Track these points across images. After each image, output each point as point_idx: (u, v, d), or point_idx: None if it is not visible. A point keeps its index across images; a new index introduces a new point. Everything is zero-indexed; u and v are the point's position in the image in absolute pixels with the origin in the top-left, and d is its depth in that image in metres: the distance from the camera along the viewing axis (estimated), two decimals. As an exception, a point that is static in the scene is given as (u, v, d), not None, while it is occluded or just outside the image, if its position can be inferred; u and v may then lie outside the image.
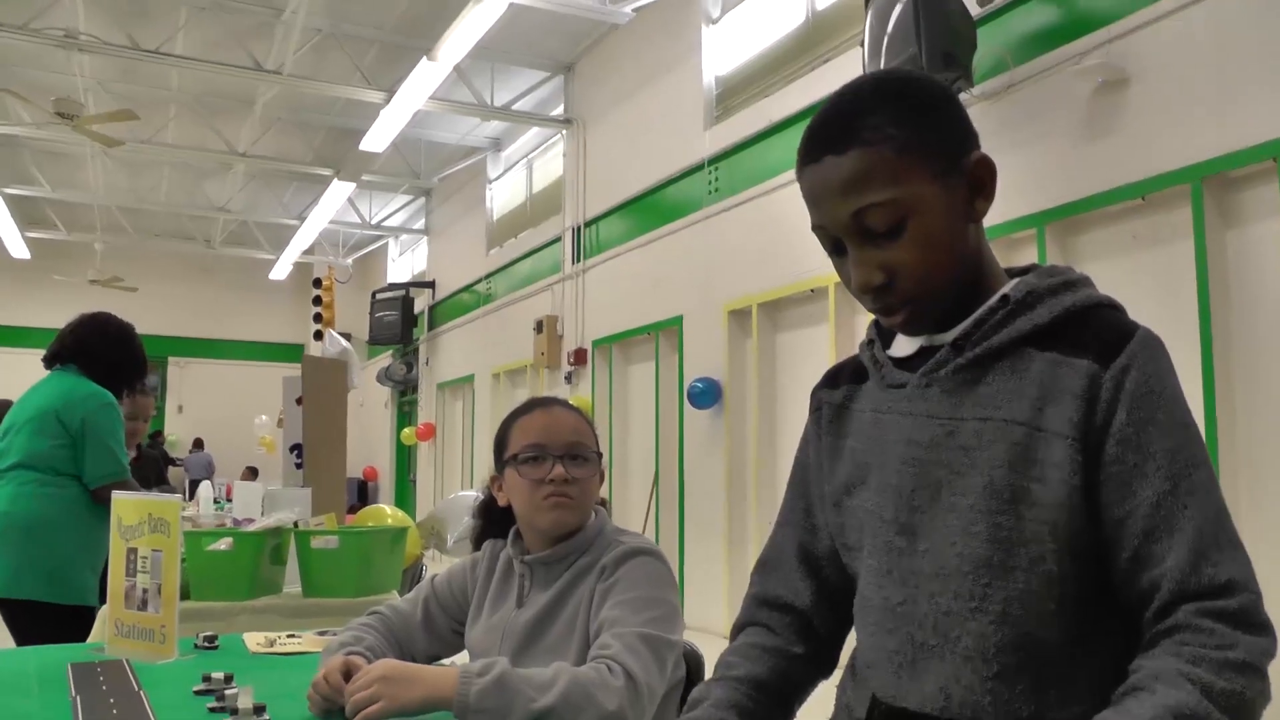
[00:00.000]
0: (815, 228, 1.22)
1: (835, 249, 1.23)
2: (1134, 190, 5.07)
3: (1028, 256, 5.54)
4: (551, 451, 1.95)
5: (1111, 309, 1.20)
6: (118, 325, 3.88)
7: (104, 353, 3.76)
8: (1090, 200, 5.29)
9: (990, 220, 4.72)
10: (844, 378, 1.40)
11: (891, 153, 1.16)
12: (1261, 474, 4.53)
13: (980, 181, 1.22)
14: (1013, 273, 1.27)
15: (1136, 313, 1.20)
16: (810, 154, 1.20)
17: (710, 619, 8.19)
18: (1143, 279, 5.08)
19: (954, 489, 1.18)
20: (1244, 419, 4.61)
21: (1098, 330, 1.16)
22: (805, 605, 1.40)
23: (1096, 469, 1.13)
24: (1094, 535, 1.14)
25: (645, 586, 1.86)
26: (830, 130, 1.19)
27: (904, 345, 1.30)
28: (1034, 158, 5.61)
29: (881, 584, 1.24)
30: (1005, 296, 1.20)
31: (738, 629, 1.45)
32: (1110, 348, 1.13)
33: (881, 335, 1.34)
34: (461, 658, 1.93)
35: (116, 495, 2.36)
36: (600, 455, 2.02)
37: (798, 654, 1.39)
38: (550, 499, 1.94)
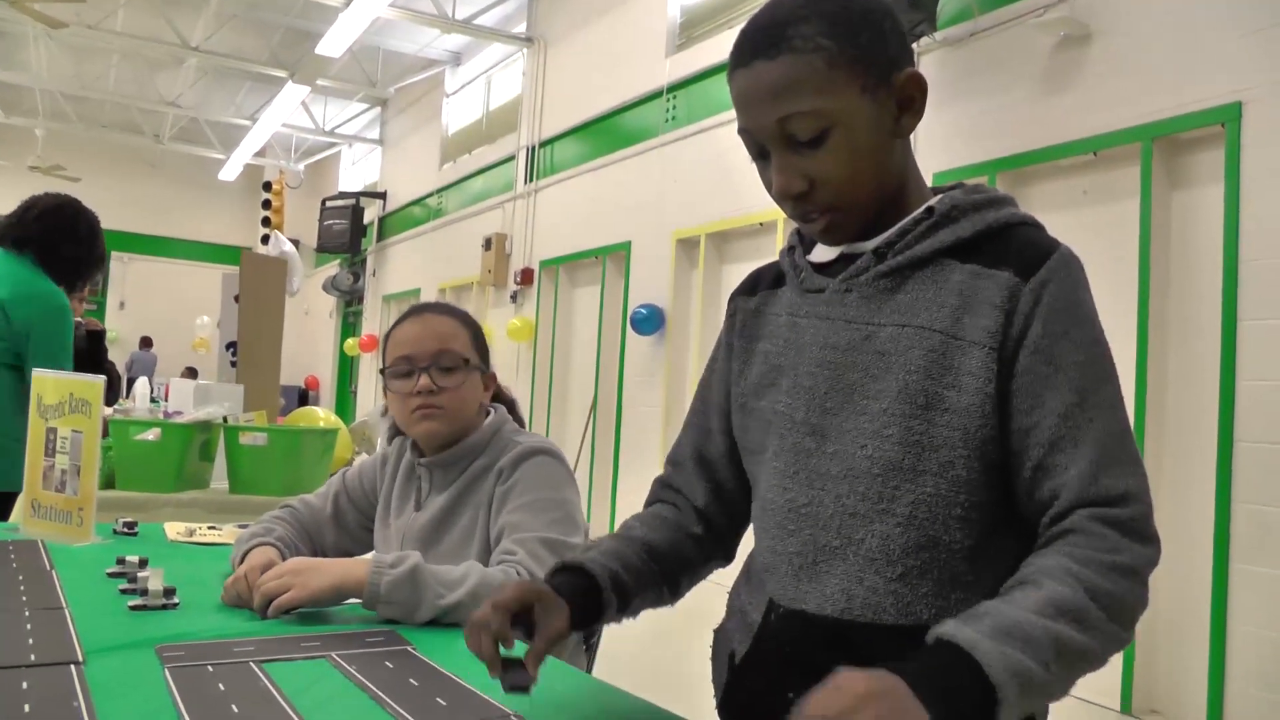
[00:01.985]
0: (741, 131, 1.23)
1: (759, 153, 1.23)
2: (1086, 145, 5.10)
3: (977, 205, 5.56)
4: (418, 363, 1.94)
5: (1033, 227, 1.22)
6: (88, 221, 3.53)
7: (70, 251, 3.41)
8: (1043, 152, 5.32)
9: (943, 165, 4.75)
10: (762, 284, 1.41)
11: (821, 63, 1.15)
12: (1184, 427, 4.63)
13: (910, 98, 1.20)
14: (938, 191, 1.28)
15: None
16: (741, 58, 1.20)
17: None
18: (1090, 233, 5.13)
19: (867, 392, 1.20)
20: (1175, 377, 4.70)
21: (1020, 246, 1.18)
22: (700, 504, 1.43)
23: (1009, 378, 1.15)
24: (1002, 444, 1.16)
25: (544, 488, 1.87)
26: (763, 35, 1.19)
27: (824, 252, 1.31)
28: (991, 106, 5.62)
29: (786, 485, 1.25)
30: (930, 209, 1.22)
31: (645, 505, 1.49)
32: (1031, 262, 1.16)
33: (803, 242, 1.35)
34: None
35: (37, 373, 2.32)
36: (479, 360, 2.00)
37: (696, 533, 1.42)
38: (419, 411, 1.94)
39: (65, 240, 3.40)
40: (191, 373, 15.11)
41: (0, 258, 3.33)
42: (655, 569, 1.35)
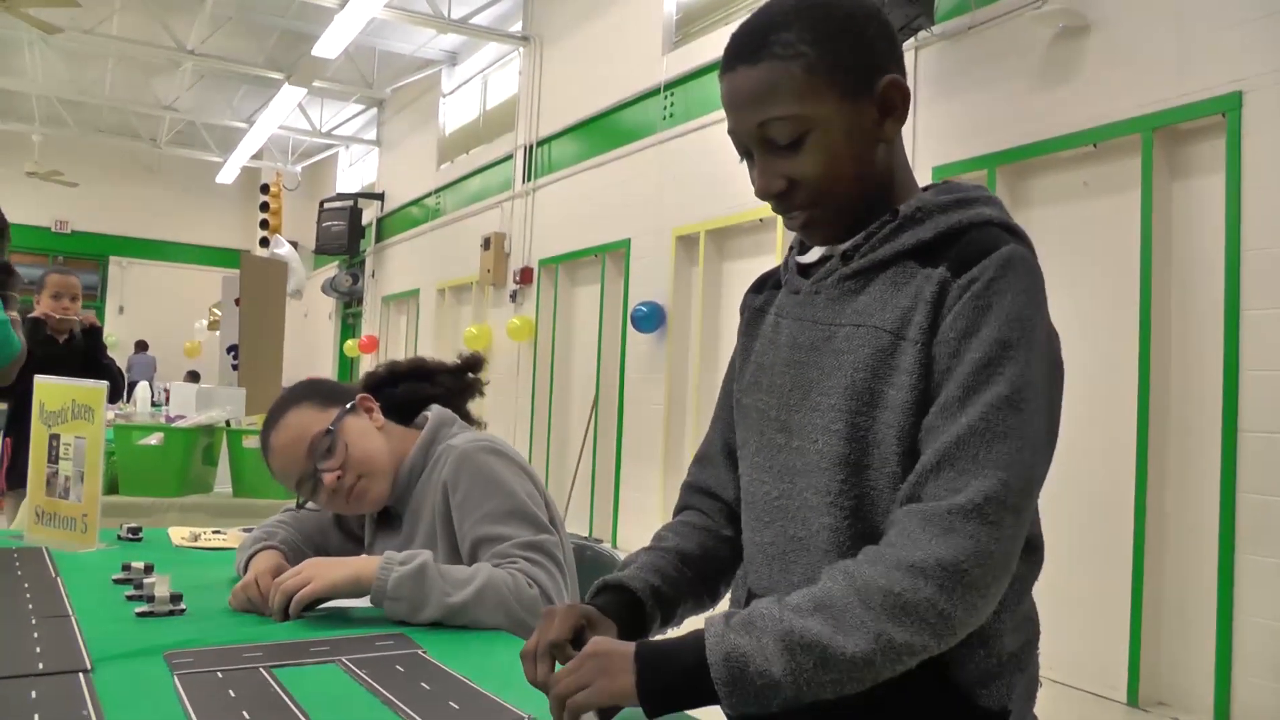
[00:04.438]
0: (729, 132, 1.27)
1: (745, 153, 1.27)
2: (1086, 137, 5.08)
3: (977, 198, 5.56)
4: (302, 484, 1.89)
5: (998, 226, 1.20)
6: None
7: None
8: (1043, 145, 5.30)
9: (941, 160, 4.74)
10: (768, 284, 1.46)
11: (800, 70, 1.19)
12: (1188, 417, 4.62)
13: (890, 104, 1.23)
14: (928, 190, 1.29)
15: (1083, 259, 1.21)
16: (728, 62, 1.25)
17: (644, 542, 8.26)
18: (1091, 226, 5.12)
19: (821, 389, 1.23)
20: (1178, 367, 4.69)
21: (965, 244, 1.18)
22: (731, 497, 1.44)
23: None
24: None
25: (494, 492, 1.82)
26: (746, 41, 1.23)
27: (813, 254, 1.34)
28: (990, 100, 5.61)
29: (762, 479, 1.30)
30: (896, 211, 1.24)
31: (675, 514, 1.51)
32: (967, 260, 1.16)
33: (802, 244, 1.37)
34: None
35: (40, 380, 2.31)
36: (335, 412, 1.89)
37: (727, 535, 1.43)
38: (346, 508, 1.93)
39: None
40: (193, 376, 15.10)
41: None
42: (691, 576, 1.38)
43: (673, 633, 1.19)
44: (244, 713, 1.13)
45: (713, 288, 8.02)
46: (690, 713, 1.20)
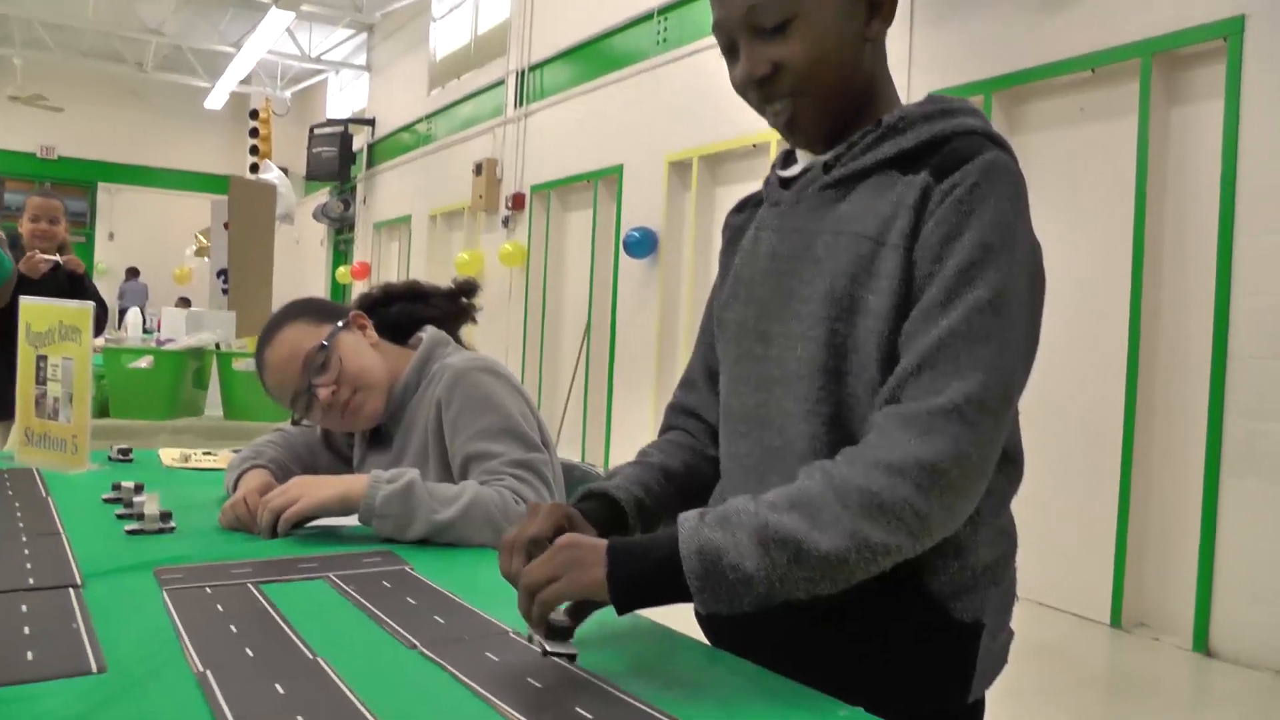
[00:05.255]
0: (714, 27, 1.26)
1: (730, 49, 1.26)
2: (1084, 63, 5.03)
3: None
4: (297, 398, 1.88)
5: (982, 136, 1.19)
6: None
7: None
8: (1040, 70, 5.24)
9: (936, 84, 4.71)
10: (750, 203, 1.45)
11: None
12: (1178, 341, 4.63)
13: (877, 3, 1.23)
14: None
15: (1079, 185, 1.19)
16: None
17: (635, 469, 8.31)
18: (1088, 151, 5.09)
19: (800, 296, 1.22)
20: (1170, 292, 4.69)
21: (949, 151, 1.16)
22: (714, 419, 1.43)
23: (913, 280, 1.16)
24: None
25: (489, 410, 1.83)
26: None
27: (797, 168, 1.33)
28: (987, 24, 5.53)
29: (739, 390, 1.29)
30: (880, 121, 1.23)
31: (660, 434, 1.50)
32: (950, 165, 1.14)
33: (785, 159, 1.37)
34: None
35: (25, 301, 2.29)
36: (331, 327, 1.89)
37: (711, 455, 1.42)
38: (340, 424, 1.93)
39: None
40: (184, 303, 15.06)
41: None
42: (673, 491, 1.36)
43: None
44: (231, 626, 1.14)
45: (705, 213, 7.98)
46: (665, 622, 1.21)
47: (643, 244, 8.29)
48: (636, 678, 1.02)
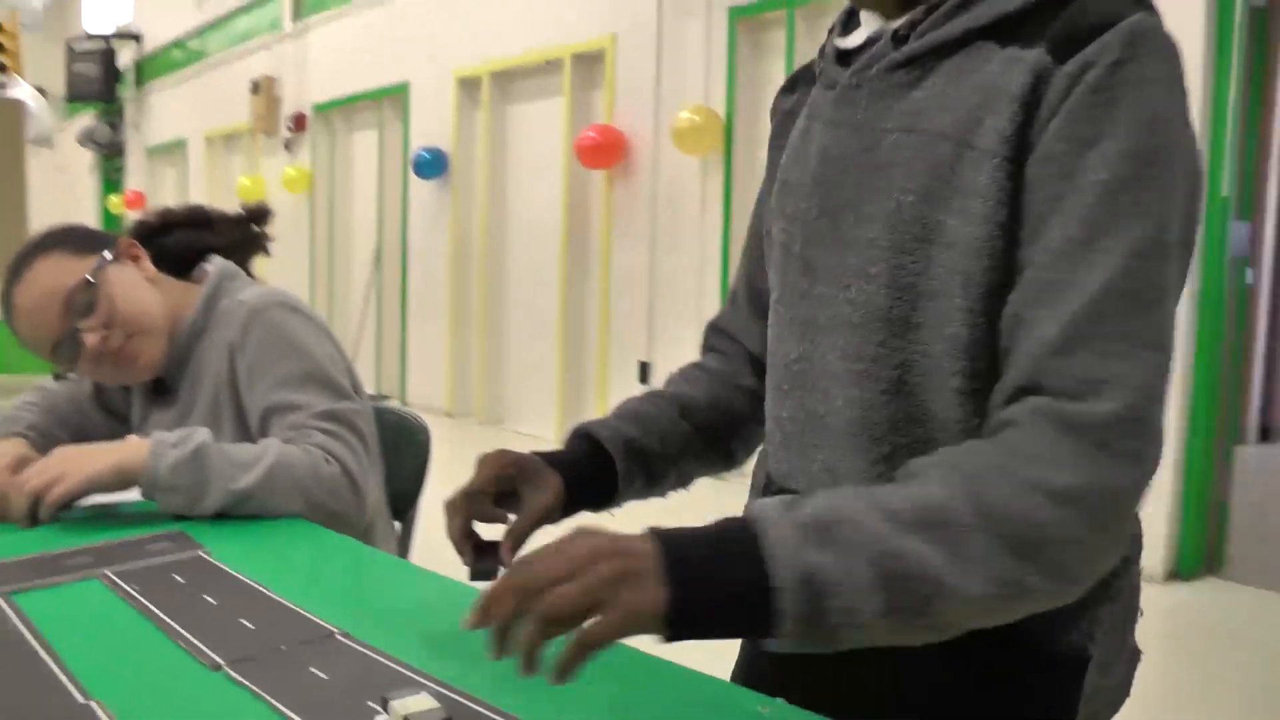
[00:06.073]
0: None
1: None
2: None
3: None
4: (59, 348, 1.56)
5: None
6: None
7: None
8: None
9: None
10: (802, 80, 1.11)
11: None
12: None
13: None
14: None
15: None
16: None
17: (433, 398, 8.10)
18: None
19: (856, 217, 0.92)
20: None
21: (1073, 15, 0.83)
22: (755, 346, 1.17)
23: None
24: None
25: (289, 354, 1.58)
26: None
27: (859, 36, 0.99)
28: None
29: (783, 335, 1.01)
30: None
31: (701, 354, 1.26)
32: (1076, 37, 0.81)
33: (845, 21, 1.03)
34: None
35: None
36: (97, 258, 1.57)
37: (746, 385, 1.17)
38: (112, 374, 1.63)
39: None
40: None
41: None
42: (689, 429, 1.12)
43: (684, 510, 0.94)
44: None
45: (498, 133, 7.71)
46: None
47: (433, 165, 7.98)
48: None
